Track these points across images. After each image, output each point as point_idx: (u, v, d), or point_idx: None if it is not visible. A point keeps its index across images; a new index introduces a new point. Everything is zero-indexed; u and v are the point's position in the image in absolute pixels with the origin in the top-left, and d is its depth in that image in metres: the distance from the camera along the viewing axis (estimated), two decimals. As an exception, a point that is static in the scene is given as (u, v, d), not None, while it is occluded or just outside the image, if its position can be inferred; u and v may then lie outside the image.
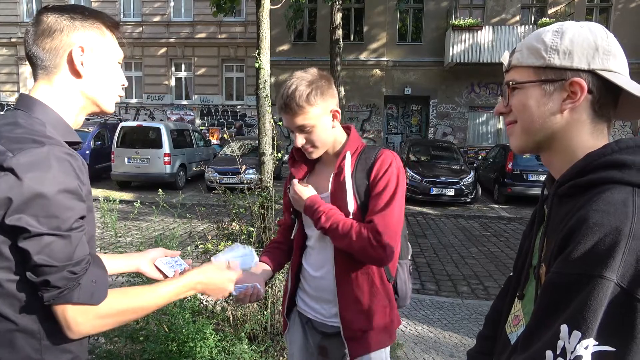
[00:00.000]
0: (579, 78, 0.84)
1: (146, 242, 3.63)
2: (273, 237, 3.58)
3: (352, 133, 1.68)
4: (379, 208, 1.50)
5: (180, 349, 2.93)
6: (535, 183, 11.29)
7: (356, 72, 17.70)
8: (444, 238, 8.37)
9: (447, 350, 3.86)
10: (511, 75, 0.94)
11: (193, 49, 19.54)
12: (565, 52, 0.85)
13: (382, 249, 1.46)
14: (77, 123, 1.14)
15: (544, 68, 0.88)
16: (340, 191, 1.58)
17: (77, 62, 1.07)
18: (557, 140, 0.89)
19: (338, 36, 13.46)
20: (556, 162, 0.92)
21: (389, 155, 1.58)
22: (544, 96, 0.88)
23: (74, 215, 0.96)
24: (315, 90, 1.51)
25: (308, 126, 1.53)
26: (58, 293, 0.95)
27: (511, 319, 1.01)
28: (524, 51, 0.91)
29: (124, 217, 4.25)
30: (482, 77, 17.41)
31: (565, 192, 0.86)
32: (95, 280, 1.01)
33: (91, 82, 1.11)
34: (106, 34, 1.14)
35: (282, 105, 1.53)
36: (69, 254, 0.95)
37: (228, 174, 11.37)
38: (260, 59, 3.70)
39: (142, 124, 13.22)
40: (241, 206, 3.64)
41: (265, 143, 3.86)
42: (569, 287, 0.73)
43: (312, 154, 1.61)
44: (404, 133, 18.69)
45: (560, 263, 0.76)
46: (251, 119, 19.10)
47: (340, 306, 1.61)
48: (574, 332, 0.71)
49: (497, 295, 1.24)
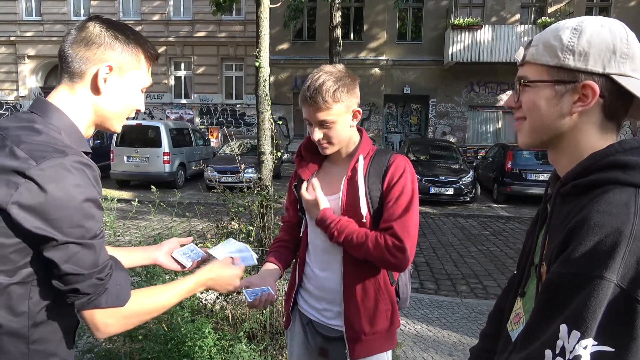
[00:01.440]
0: (592, 82, 0.83)
1: (145, 242, 3.62)
2: (273, 236, 3.60)
3: (364, 136, 1.67)
4: (398, 214, 1.50)
5: (179, 348, 2.93)
6: (534, 182, 11.28)
7: (355, 71, 17.50)
8: (443, 237, 8.37)
9: (446, 349, 3.87)
10: (524, 70, 0.92)
11: (192, 48, 19.52)
12: (581, 54, 0.83)
13: (403, 255, 1.47)
14: (86, 135, 1.15)
15: (557, 68, 0.86)
16: (352, 194, 1.57)
17: (101, 78, 1.08)
18: (564, 140, 0.89)
19: (337, 35, 13.45)
20: (562, 161, 0.91)
21: (402, 160, 1.58)
22: (554, 97, 0.87)
23: (96, 223, 0.99)
24: (342, 87, 1.50)
25: (329, 122, 1.52)
26: (88, 300, 1.00)
27: (512, 316, 1.01)
28: (539, 47, 0.89)
29: (123, 216, 4.24)
30: (482, 76, 17.42)
31: (568, 192, 0.85)
32: (119, 283, 1.05)
33: (107, 101, 1.11)
34: (141, 62, 1.15)
35: (307, 97, 1.50)
36: (94, 261, 0.99)
37: (227, 173, 11.36)
38: (259, 58, 3.69)
39: (141, 123, 13.19)
40: (240, 205, 3.65)
41: (265, 142, 3.86)
42: (569, 286, 0.74)
43: (326, 150, 1.60)
44: (403, 132, 18.69)
45: (561, 263, 0.76)
46: (250, 118, 19.10)
47: (345, 308, 1.61)
48: (573, 331, 0.71)
49: (500, 293, 1.24)
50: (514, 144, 12.29)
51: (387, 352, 1.66)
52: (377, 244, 1.48)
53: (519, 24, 16.68)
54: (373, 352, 1.61)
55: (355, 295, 1.59)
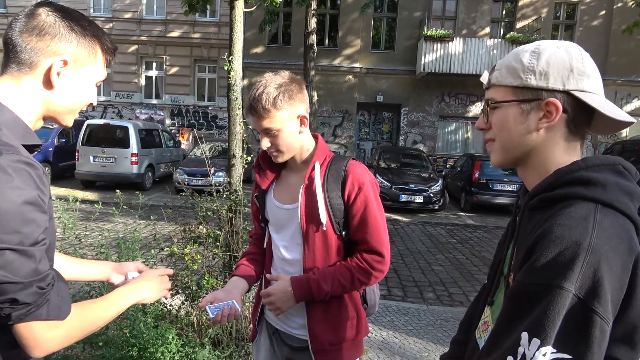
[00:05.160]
0: (554, 98, 0.87)
1: (108, 244, 3.53)
2: (241, 242, 3.55)
3: (320, 142, 1.66)
4: (368, 228, 1.53)
5: (141, 354, 2.86)
6: (500, 192, 11.59)
7: (329, 77, 17.79)
8: (412, 244, 8.47)
9: (412, 355, 3.90)
10: (491, 93, 0.97)
11: (165, 48, 19.21)
12: (542, 73, 0.88)
13: (385, 265, 1.55)
14: (34, 127, 1.07)
15: (521, 88, 0.90)
16: (311, 202, 1.55)
17: (54, 73, 1.00)
18: (533, 156, 0.93)
19: (312, 41, 13.50)
20: (530, 177, 0.95)
21: (360, 169, 1.58)
22: (521, 115, 0.91)
23: (37, 228, 0.90)
24: (283, 93, 1.47)
25: (274, 130, 1.49)
26: (27, 310, 0.90)
27: (481, 324, 1.04)
28: (502, 70, 0.94)
29: (87, 217, 4.11)
30: (452, 87, 17.78)
31: (534, 205, 0.89)
32: (61, 294, 0.98)
33: (60, 96, 1.04)
34: (98, 55, 1.08)
35: (249, 107, 1.50)
36: (33, 269, 0.90)
37: (197, 176, 11.19)
38: (232, 63, 3.66)
39: (109, 122, 12.89)
40: (209, 209, 3.59)
41: (235, 146, 3.82)
42: (531, 296, 0.76)
43: (277, 158, 1.58)
44: (375, 140, 18.87)
45: (523, 273, 0.79)
46: (222, 121, 18.90)
47: (309, 319, 1.59)
48: (533, 339, 0.74)
49: (465, 300, 1.27)
50: (482, 154, 12.59)
51: None
52: (362, 270, 1.53)
53: (488, 37, 17.14)
54: None
55: (317, 305, 1.58)
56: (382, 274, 1.57)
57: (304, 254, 1.59)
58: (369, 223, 1.53)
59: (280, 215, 1.64)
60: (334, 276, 1.53)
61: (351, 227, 1.56)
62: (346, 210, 1.55)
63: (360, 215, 1.53)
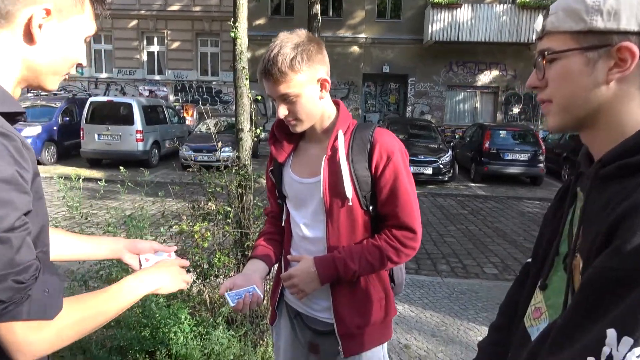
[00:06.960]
0: (629, 42, 0.71)
1: (116, 223, 3.43)
2: (252, 218, 3.44)
3: (342, 108, 1.50)
4: (399, 202, 1.40)
5: (153, 334, 2.80)
6: (511, 162, 11.43)
7: (334, 48, 17.40)
8: (423, 216, 8.26)
9: (429, 330, 3.83)
10: (546, 42, 0.80)
11: (166, 22, 18.82)
12: (610, 12, 0.72)
13: (416, 242, 1.44)
14: (13, 95, 0.90)
15: (585, 32, 0.74)
16: (335, 175, 1.41)
17: (36, 24, 0.84)
18: (602, 115, 0.77)
19: (316, 11, 13.15)
20: (600, 140, 0.79)
21: (388, 137, 1.43)
22: (586, 65, 0.75)
23: (12, 211, 0.74)
24: (301, 54, 1.31)
25: (291, 95, 1.34)
26: (3, 309, 0.75)
27: (531, 311, 0.90)
28: (559, 14, 0.77)
29: (93, 196, 4.02)
30: (460, 55, 17.38)
31: (610, 173, 0.74)
32: (49, 289, 0.81)
33: (43, 53, 0.87)
34: (85, 4, 0.92)
35: (263, 70, 1.33)
36: (9, 259, 0.74)
37: (203, 152, 11.06)
38: (237, 29, 3.47)
39: (112, 100, 12.76)
40: (218, 185, 3.47)
41: (243, 118, 3.66)
42: (619, 284, 0.62)
43: (295, 127, 1.42)
44: (382, 111, 18.60)
45: (608, 256, 0.64)
46: (227, 96, 18.65)
47: (334, 301, 1.47)
48: (624, 338, 0.59)
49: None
50: (492, 124, 12.35)
51: (383, 347, 1.54)
52: (392, 247, 1.41)
53: (498, 3, 16.60)
54: (368, 346, 1.48)
55: (344, 286, 1.45)
56: (414, 251, 1.45)
57: (328, 231, 1.45)
58: (399, 196, 1.39)
59: (300, 190, 1.50)
60: (362, 254, 1.40)
61: (379, 201, 1.42)
62: (373, 183, 1.41)
63: (390, 187, 1.39)
